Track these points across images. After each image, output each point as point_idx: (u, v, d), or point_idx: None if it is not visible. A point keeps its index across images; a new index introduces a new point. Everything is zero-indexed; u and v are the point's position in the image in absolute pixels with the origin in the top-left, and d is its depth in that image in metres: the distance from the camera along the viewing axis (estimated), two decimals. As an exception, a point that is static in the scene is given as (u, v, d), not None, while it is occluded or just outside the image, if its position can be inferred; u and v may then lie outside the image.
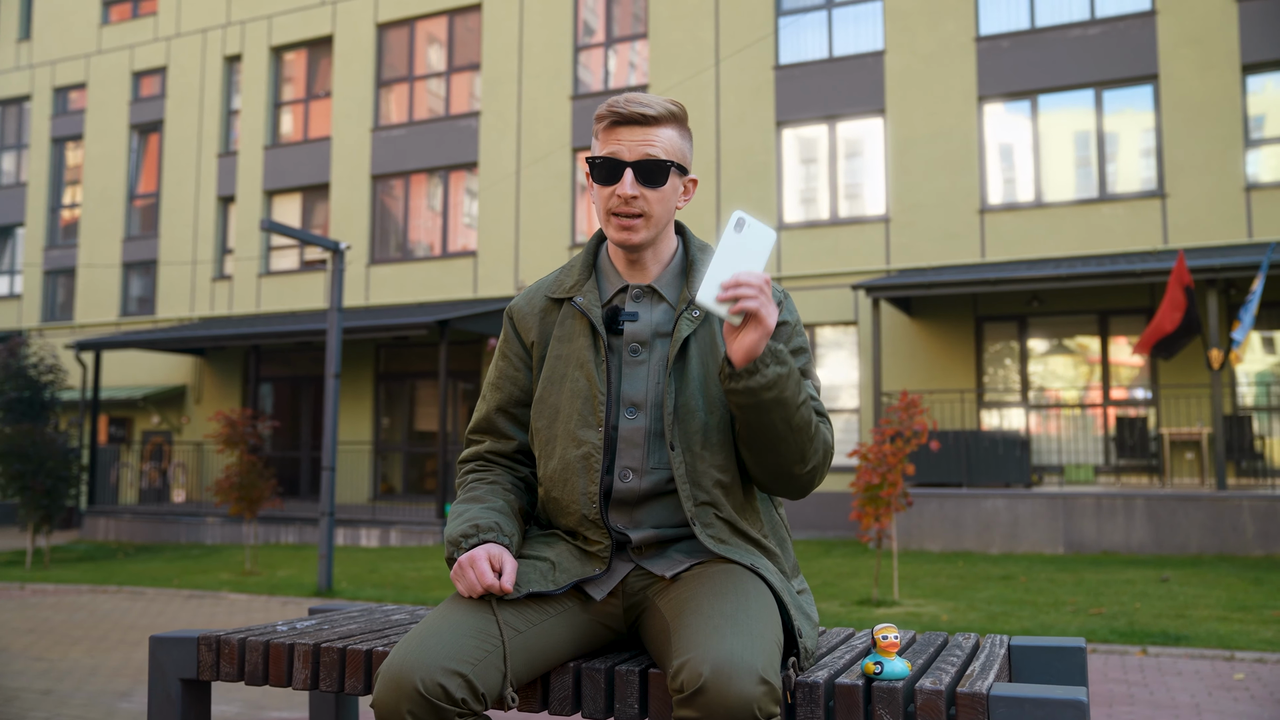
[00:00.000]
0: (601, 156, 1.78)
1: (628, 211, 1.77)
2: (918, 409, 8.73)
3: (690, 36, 16.67)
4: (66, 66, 22.53)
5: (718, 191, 16.20)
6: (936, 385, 14.50)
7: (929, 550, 12.50)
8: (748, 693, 1.40)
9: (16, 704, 5.87)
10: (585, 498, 1.76)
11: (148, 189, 21.64)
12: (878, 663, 1.53)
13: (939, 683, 1.49)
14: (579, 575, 1.74)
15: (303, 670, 1.86)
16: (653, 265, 1.85)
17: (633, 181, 1.76)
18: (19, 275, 22.96)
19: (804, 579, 1.90)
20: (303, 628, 2.05)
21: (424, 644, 1.54)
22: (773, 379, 1.63)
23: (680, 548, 1.79)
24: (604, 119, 1.80)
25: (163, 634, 2.00)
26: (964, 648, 1.81)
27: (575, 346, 1.82)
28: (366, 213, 19.08)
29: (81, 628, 8.67)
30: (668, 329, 1.81)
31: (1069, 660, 1.78)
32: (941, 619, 7.91)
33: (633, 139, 1.78)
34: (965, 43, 14.98)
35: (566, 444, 1.78)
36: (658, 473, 1.77)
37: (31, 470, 13.00)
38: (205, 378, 20.17)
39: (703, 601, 1.60)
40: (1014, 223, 14.59)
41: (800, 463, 1.73)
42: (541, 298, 1.90)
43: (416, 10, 19.00)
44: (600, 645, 1.80)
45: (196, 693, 2.00)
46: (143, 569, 12.67)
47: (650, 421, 1.78)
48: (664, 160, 1.78)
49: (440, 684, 1.49)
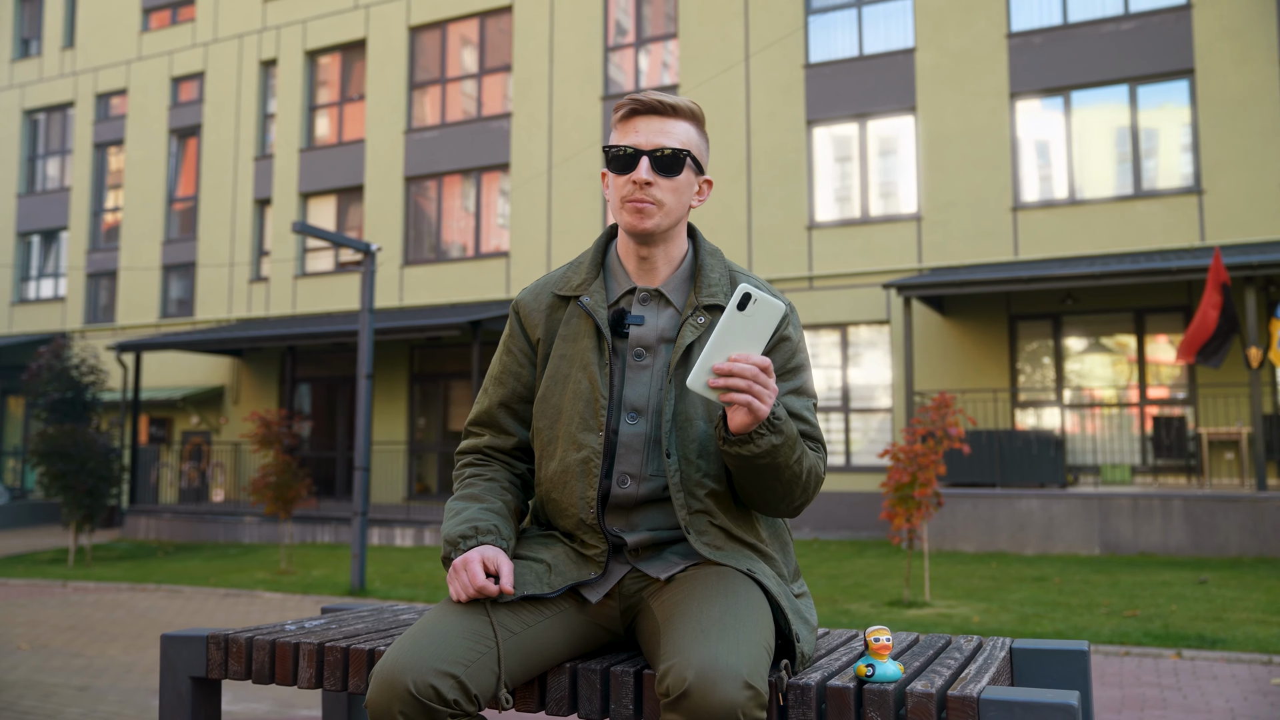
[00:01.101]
0: (618, 145, 1.80)
1: (641, 197, 1.78)
2: (950, 409, 8.67)
3: (720, 35, 16.64)
4: (108, 73, 22.94)
5: (748, 190, 16.17)
6: (969, 384, 14.37)
7: (962, 551, 12.39)
8: (731, 698, 1.40)
9: (54, 699, 5.99)
10: (583, 502, 1.76)
11: (186, 192, 21.98)
12: (870, 665, 1.52)
13: (931, 686, 1.48)
14: (575, 578, 1.75)
15: (307, 669, 1.88)
16: (663, 267, 1.85)
17: (648, 168, 1.78)
18: (63, 278, 23.41)
19: (805, 583, 1.90)
20: (311, 627, 2.08)
21: (417, 645, 1.55)
22: (766, 449, 1.63)
23: (677, 550, 1.79)
24: (622, 109, 1.82)
25: (173, 632, 2.04)
26: (964, 650, 1.80)
27: (580, 348, 1.82)
28: (400, 214, 19.25)
29: (119, 625, 8.82)
30: (673, 334, 1.81)
31: (1071, 664, 1.77)
32: (973, 620, 7.84)
33: (650, 129, 1.80)
34: (997, 39, 14.83)
35: (567, 447, 1.79)
36: (656, 479, 1.77)
37: (74, 470, 13.24)
38: (243, 378, 20.44)
39: (692, 605, 1.60)
40: (1047, 220, 14.42)
41: (788, 503, 1.76)
42: (549, 294, 1.90)
43: (448, 13, 19.13)
44: (597, 647, 1.81)
45: (206, 690, 2.03)
46: (181, 568, 12.88)
47: (650, 428, 1.78)
48: (680, 150, 1.79)
49: (432, 685, 1.50)
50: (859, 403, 15.54)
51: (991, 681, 1.57)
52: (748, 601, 1.61)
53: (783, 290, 15.57)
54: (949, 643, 1.89)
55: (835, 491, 15.17)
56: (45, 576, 12.27)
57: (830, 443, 15.64)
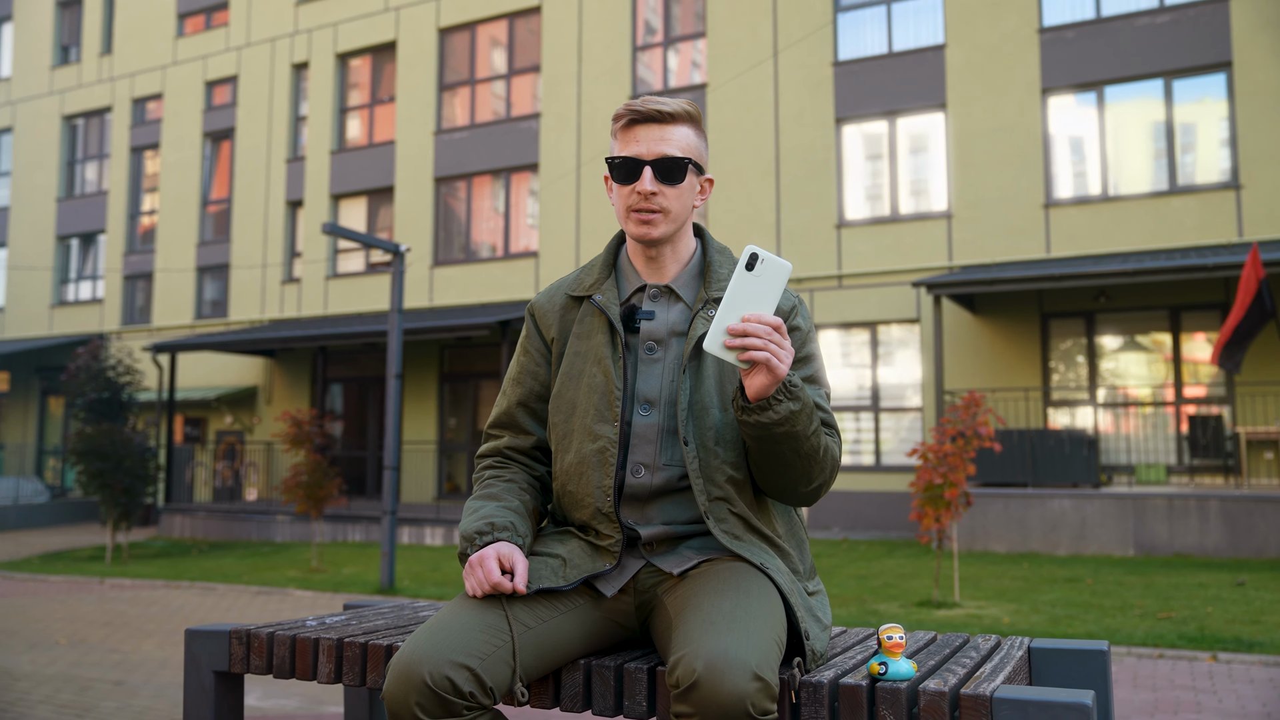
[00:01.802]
0: (620, 156, 1.82)
1: (647, 207, 1.81)
2: (979, 408, 8.59)
3: (749, 34, 16.60)
4: (144, 78, 23.26)
5: (777, 189, 16.12)
6: (1001, 383, 14.24)
7: (994, 551, 12.28)
8: (741, 689, 1.41)
9: (91, 693, 6.09)
10: (600, 491, 1.79)
11: (220, 195, 22.25)
12: (883, 663, 1.52)
13: (944, 684, 1.47)
14: (589, 571, 1.76)
15: (327, 664, 1.91)
16: (671, 265, 1.88)
17: (652, 178, 1.80)
18: (101, 280, 23.77)
19: (820, 581, 1.90)
20: (331, 623, 2.11)
21: (433, 638, 1.57)
22: (784, 415, 1.64)
23: (692, 544, 1.80)
24: (621, 119, 1.84)
25: (197, 627, 2.07)
26: (981, 649, 1.79)
27: (593, 343, 1.85)
28: (430, 215, 19.37)
29: (154, 621, 8.95)
30: (684, 328, 1.84)
31: (1090, 664, 1.75)
32: (1002, 621, 7.77)
33: (650, 137, 1.81)
34: (1028, 34, 14.68)
35: (583, 438, 1.81)
36: (670, 469, 1.78)
37: (110, 469, 13.45)
38: (275, 378, 20.66)
39: (704, 599, 1.61)
40: (1080, 217, 14.25)
41: (806, 483, 1.75)
42: (562, 295, 1.94)
43: (477, 14, 19.23)
44: (613, 643, 1.82)
45: (229, 684, 2.06)
46: (215, 565, 13.04)
47: (664, 418, 1.80)
48: (681, 158, 1.81)
49: (448, 677, 1.52)
50: (889, 402, 15.45)
51: (1007, 680, 1.56)
52: (760, 596, 1.62)
53: (813, 289, 15.54)
54: (966, 641, 1.88)
55: (865, 491, 15.09)
56: (83, 573, 12.47)
57: (860, 442, 15.56)
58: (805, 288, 15.81)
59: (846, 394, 15.73)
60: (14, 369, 24.25)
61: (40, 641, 7.88)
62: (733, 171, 16.50)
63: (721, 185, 16.59)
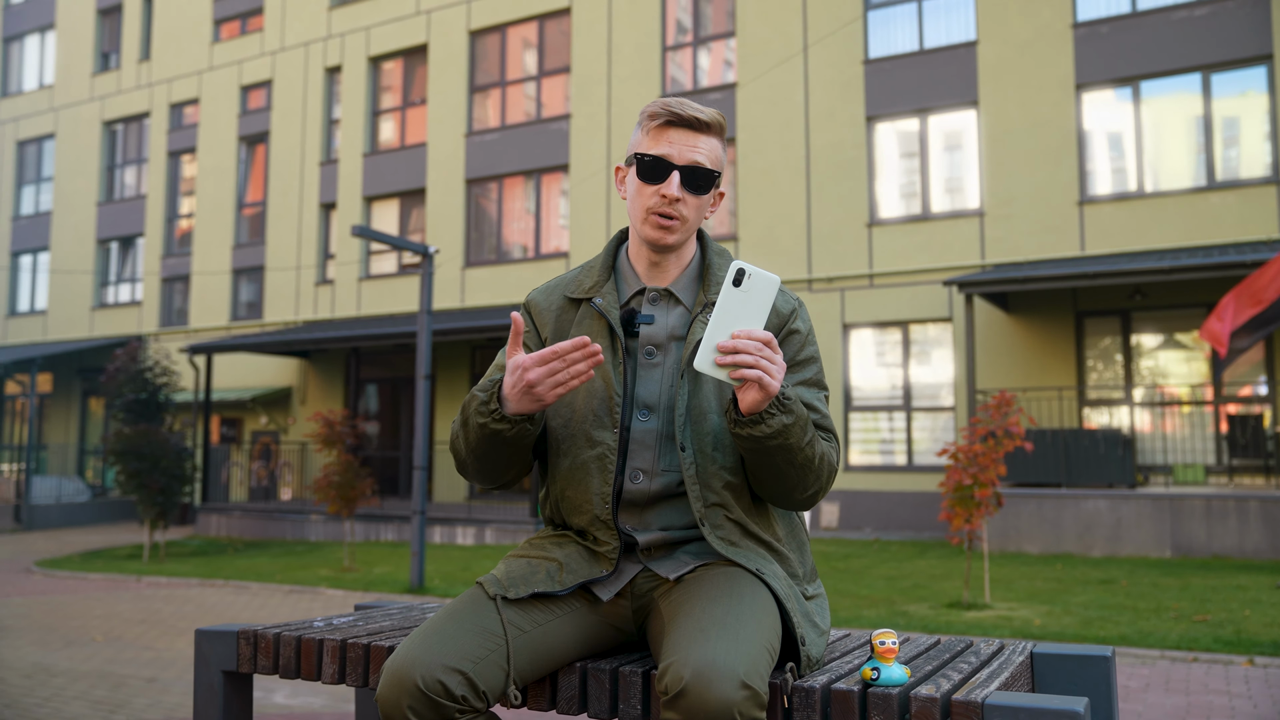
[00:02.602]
0: (651, 155, 1.80)
1: (669, 213, 1.79)
2: (1010, 408, 8.50)
3: (779, 32, 16.54)
4: (181, 83, 23.60)
5: (808, 188, 16.04)
6: (1034, 382, 14.08)
7: (1027, 552, 12.15)
8: (728, 697, 1.40)
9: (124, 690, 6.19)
10: (598, 497, 1.78)
11: (255, 198, 22.53)
12: (875, 669, 1.51)
13: (937, 690, 1.46)
14: (586, 576, 1.76)
15: (331, 665, 1.92)
16: (673, 269, 1.87)
17: (679, 185, 1.79)
18: (139, 283, 24.15)
19: (821, 584, 1.88)
20: (339, 624, 2.12)
21: (426, 641, 1.58)
22: (777, 429, 1.63)
23: (689, 549, 1.80)
24: (657, 118, 1.81)
25: (207, 628, 2.09)
26: (982, 655, 1.77)
27: None
28: (461, 216, 19.49)
29: (188, 619, 9.08)
30: (683, 332, 1.82)
31: (1094, 670, 1.73)
32: (1034, 623, 7.68)
33: (684, 143, 1.80)
34: (1062, 29, 14.50)
35: (581, 444, 1.80)
36: (668, 475, 1.78)
37: (147, 469, 13.65)
38: (309, 379, 20.88)
39: (695, 605, 1.60)
40: (1115, 214, 14.06)
41: (801, 490, 1.75)
42: (560, 296, 1.92)
43: (507, 16, 19.31)
44: (610, 646, 1.82)
45: (238, 684, 2.08)
46: (249, 564, 13.19)
47: (662, 424, 1.79)
48: (712, 170, 1.81)
49: (440, 681, 1.53)
50: (921, 402, 15.33)
51: (1004, 686, 1.55)
52: (752, 602, 1.61)
53: (844, 288, 15.45)
54: (968, 646, 1.86)
55: (897, 491, 14.98)
56: (121, 571, 12.68)
57: (893, 442, 15.46)
58: (836, 287, 15.73)
59: (878, 394, 15.63)
60: (56, 370, 24.71)
61: (77, 638, 8.02)
62: (763, 171, 16.44)
63: (752, 184, 16.54)
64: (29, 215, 26.26)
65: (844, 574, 10.64)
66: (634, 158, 1.83)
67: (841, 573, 10.75)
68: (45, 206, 26.05)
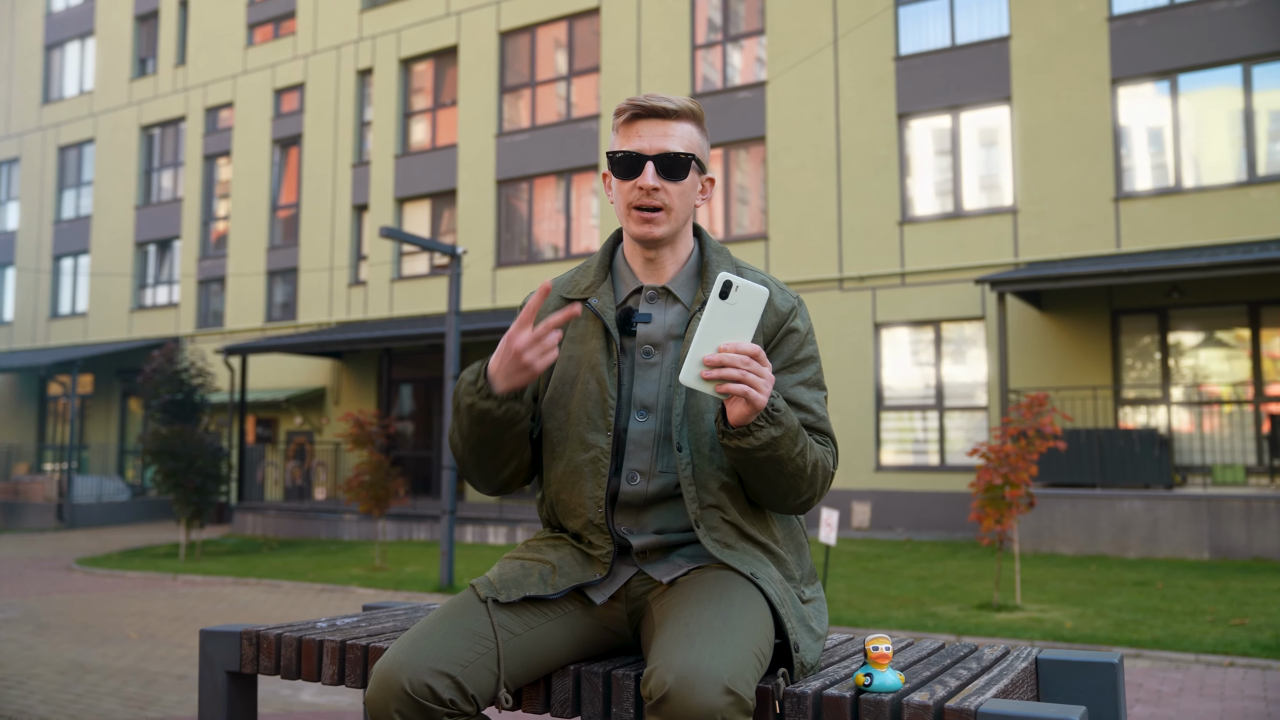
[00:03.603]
0: (622, 150, 1.79)
1: (649, 204, 1.78)
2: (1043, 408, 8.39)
3: (808, 30, 16.45)
4: (216, 87, 23.90)
5: (839, 186, 15.93)
6: (1068, 382, 13.89)
7: (1060, 553, 11.98)
8: (711, 703, 1.38)
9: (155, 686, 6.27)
10: (591, 502, 1.76)
11: (288, 200, 22.76)
12: (868, 675, 1.48)
13: (930, 697, 1.43)
14: (578, 580, 1.74)
15: (330, 666, 1.92)
16: (669, 266, 1.85)
17: (654, 174, 1.77)
18: (176, 285, 24.49)
19: (820, 587, 1.85)
20: (342, 624, 2.13)
21: (414, 645, 1.57)
22: (766, 441, 1.61)
23: (684, 552, 1.77)
24: (623, 114, 1.81)
25: (211, 628, 2.10)
26: (984, 660, 1.73)
27: (588, 349, 1.82)
28: (492, 217, 19.56)
29: (221, 617, 9.19)
30: (681, 331, 1.80)
31: (1100, 677, 1.68)
32: (1065, 625, 7.58)
33: (653, 132, 1.79)
34: (1097, 23, 14.28)
35: (575, 447, 1.79)
36: (665, 476, 1.76)
37: (183, 469, 13.82)
38: (343, 380, 21.06)
39: (684, 609, 1.58)
40: (1152, 210, 13.83)
41: (795, 498, 1.72)
42: (556, 297, 1.91)
43: (537, 17, 19.36)
44: (605, 649, 1.80)
45: (242, 685, 2.09)
46: (282, 563, 13.33)
47: (660, 424, 1.77)
48: (684, 154, 1.79)
49: (428, 684, 1.52)
50: (954, 401, 15.18)
51: (1003, 694, 1.51)
52: (743, 606, 1.59)
53: (875, 287, 15.34)
54: (972, 651, 1.82)
55: (929, 491, 14.84)
56: (158, 569, 12.85)
57: (925, 442, 15.31)
58: (868, 286, 15.61)
59: (910, 393, 15.50)
60: (97, 371, 25.11)
61: (113, 635, 8.14)
62: (793, 169, 16.36)
63: (782, 183, 16.46)
64: (70, 219, 26.71)
65: (874, 574, 10.56)
66: (608, 156, 1.83)
67: (872, 573, 10.67)
68: (85, 210, 26.49)
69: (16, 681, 6.47)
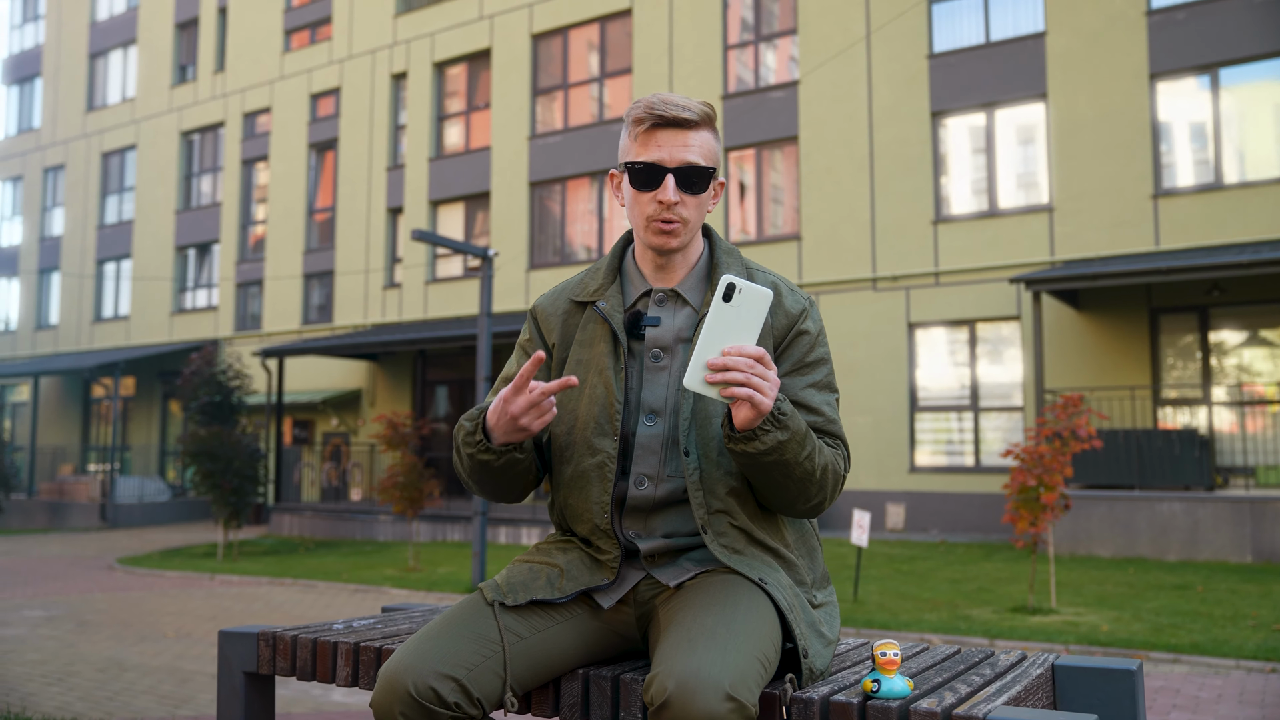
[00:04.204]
0: (643, 162, 1.76)
1: (669, 218, 1.75)
2: (1078, 408, 8.28)
3: (841, 28, 16.35)
4: (254, 93, 24.21)
5: (871, 185, 15.82)
6: (1106, 381, 13.68)
7: (1098, 556, 11.81)
8: (711, 710, 1.37)
9: (190, 685, 6.36)
10: (598, 507, 1.76)
11: (325, 203, 23.00)
12: (876, 681, 1.46)
13: (938, 704, 1.41)
14: (586, 584, 1.74)
15: (344, 668, 1.93)
16: (679, 269, 1.84)
17: (675, 188, 1.74)
18: (215, 288, 24.83)
19: (832, 591, 1.83)
20: (358, 626, 2.14)
21: (420, 648, 1.57)
22: (772, 445, 1.60)
23: (693, 556, 1.76)
24: (642, 122, 1.77)
25: (229, 629, 2.12)
26: (999, 666, 1.71)
27: (596, 352, 1.81)
28: (525, 218, 19.64)
29: (256, 616, 9.29)
30: (689, 334, 1.79)
31: (1118, 684, 1.65)
32: (1101, 629, 7.47)
33: (673, 143, 1.75)
34: (1135, 17, 14.07)
35: (583, 452, 1.78)
36: (674, 480, 1.74)
37: (220, 470, 14.01)
38: (378, 381, 21.24)
39: (688, 614, 1.57)
40: (1192, 207, 13.59)
41: (804, 501, 1.71)
42: (565, 300, 1.90)
43: (569, 19, 19.41)
44: (615, 653, 1.80)
45: (260, 685, 2.10)
46: (318, 563, 13.46)
47: (668, 429, 1.76)
48: (705, 167, 1.77)
49: (432, 687, 1.51)
50: (989, 402, 15.01)
51: (1015, 701, 1.49)
52: (748, 611, 1.57)
53: (909, 287, 15.22)
54: (988, 657, 1.79)
55: (965, 493, 14.69)
56: (196, 569, 13.03)
57: (960, 443, 15.16)
58: (901, 285, 15.48)
59: (945, 394, 15.35)
60: (139, 374, 25.52)
61: (150, 634, 8.26)
62: (826, 169, 16.27)
63: (815, 182, 16.38)
64: (112, 224, 27.17)
65: (908, 576, 10.46)
66: (625, 166, 1.79)
67: (905, 575, 10.58)
68: (128, 215, 26.93)
69: (57, 678, 6.58)
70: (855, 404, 15.62)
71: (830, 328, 16.04)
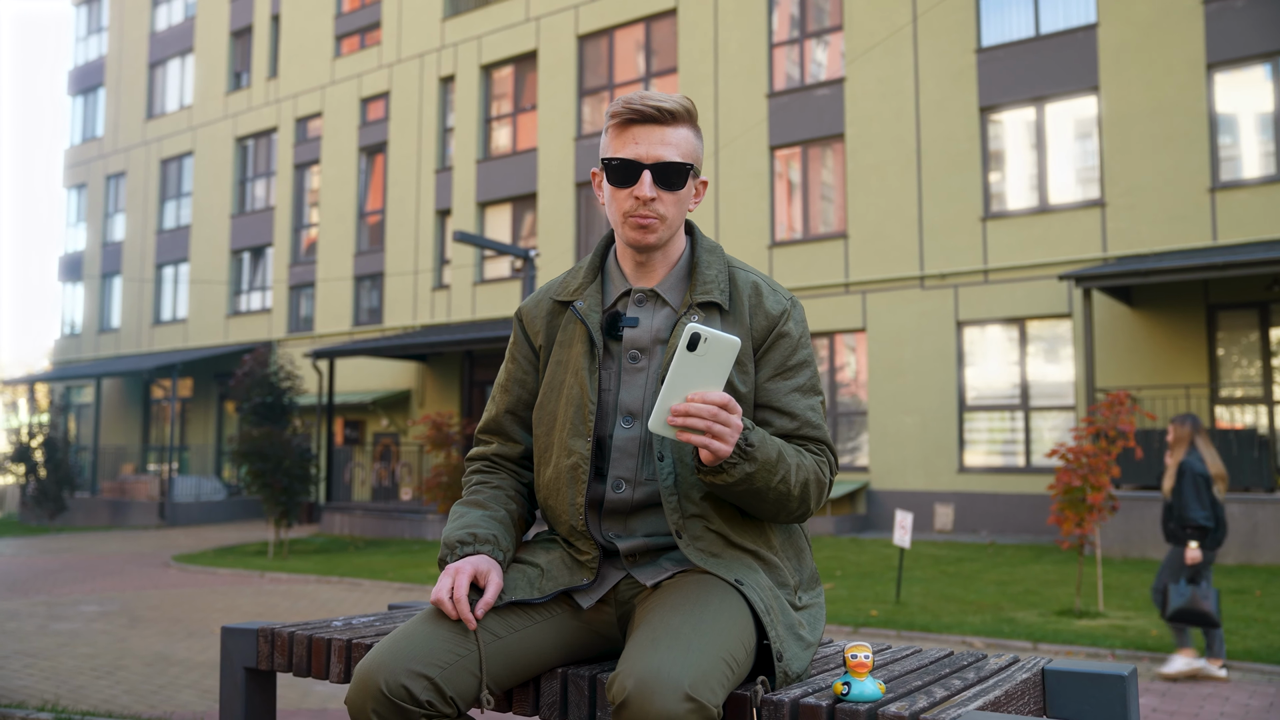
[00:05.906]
0: (619, 158, 1.74)
1: (645, 214, 1.74)
2: (1124, 407, 8.10)
3: (886, 24, 16.16)
4: (306, 98, 24.61)
5: (919, 182, 15.62)
6: (1162, 380, 13.36)
7: (1151, 558, 11.53)
8: (669, 709, 1.35)
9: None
10: (573, 508, 1.75)
11: (374, 206, 23.30)
12: (846, 683, 1.44)
13: (909, 707, 1.38)
14: (565, 584, 1.73)
15: (337, 664, 1.95)
16: (660, 268, 1.82)
17: (651, 184, 1.73)
18: (269, 291, 25.29)
19: (821, 592, 1.81)
20: (357, 623, 2.15)
21: (395, 646, 1.57)
22: (740, 477, 1.60)
23: (673, 556, 1.75)
24: (618, 116, 1.75)
25: (231, 625, 2.15)
26: (984, 669, 1.67)
27: (574, 353, 1.80)
28: (571, 219, 19.71)
29: (301, 614, 9.44)
30: (667, 335, 1.77)
31: (1109, 689, 1.60)
32: (1150, 634, 7.29)
33: (650, 140, 1.73)
34: (1191, 6, 13.72)
35: (560, 453, 1.78)
36: (651, 484, 1.73)
37: (271, 469, 14.25)
38: (427, 382, 21.47)
39: (657, 613, 1.56)
40: (1252, 200, 13.21)
41: (785, 515, 1.71)
42: (548, 300, 1.89)
43: (614, 20, 19.44)
44: (596, 652, 1.79)
45: (261, 681, 2.13)
46: (365, 562, 13.63)
47: (645, 431, 1.74)
48: (683, 164, 1.74)
49: (404, 685, 1.52)
50: (1040, 401, 14.74)
51: (994, 706, 1.45)
52: (718, 611, 1.55)
53: (957, 284, 15.00)
54: (978, 660, 1.76)
55: (1014, 493, 14.45)
56: (247, 567, 13.27)
57: (1011, 443, 14.91)
58: (950, 283, 15.27)
59: (995, 393, 15.11)
60: (196, 376, 26.08)
61: (198, 630, 8.43)
62: (873, 166, 16.10)
63: (862, 180, 16.22)
64: (170, 229, 27.80)
65: (954, 578, 10.31)
66: (602, 162, 1.78)
67: (951, 577, 10.42)
68: (185, 220, 27.54)
69: (106, 671, 6.75)
70: (902, 403, 15.44)
71: (877, 327, 15.87)
